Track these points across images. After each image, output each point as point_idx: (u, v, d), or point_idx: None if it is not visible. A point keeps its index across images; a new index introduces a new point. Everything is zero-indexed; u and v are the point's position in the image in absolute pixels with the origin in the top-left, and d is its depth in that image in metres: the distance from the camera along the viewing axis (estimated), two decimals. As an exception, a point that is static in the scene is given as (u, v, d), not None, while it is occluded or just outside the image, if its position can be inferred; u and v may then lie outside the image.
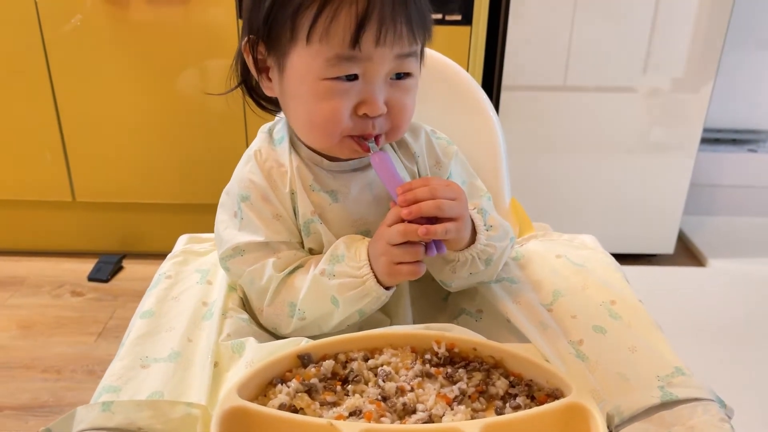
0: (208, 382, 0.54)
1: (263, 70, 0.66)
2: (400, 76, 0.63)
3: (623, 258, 1.98)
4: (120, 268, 1.87)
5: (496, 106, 1.76)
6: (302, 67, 0.61)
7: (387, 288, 0.63)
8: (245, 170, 0.69)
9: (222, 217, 0.70)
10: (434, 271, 0.68)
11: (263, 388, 0.52)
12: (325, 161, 0.68)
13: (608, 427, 0.50)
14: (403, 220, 0.60)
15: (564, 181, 1.87)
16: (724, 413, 0.53)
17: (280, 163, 0.68)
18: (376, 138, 0.64)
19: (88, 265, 1.86)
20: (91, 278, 1.80)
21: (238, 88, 0.73)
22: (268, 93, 0.68)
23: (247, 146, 1.85)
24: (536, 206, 1.90)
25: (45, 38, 1.62)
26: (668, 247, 1.98)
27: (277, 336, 0.66)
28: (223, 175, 1.93)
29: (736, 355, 1.56)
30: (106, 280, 1.80)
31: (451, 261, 0.65)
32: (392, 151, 0.71)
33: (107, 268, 1.83)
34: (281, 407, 0.49)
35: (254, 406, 0.47)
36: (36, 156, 1.76)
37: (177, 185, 1.81)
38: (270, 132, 0.73)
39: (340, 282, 0.62)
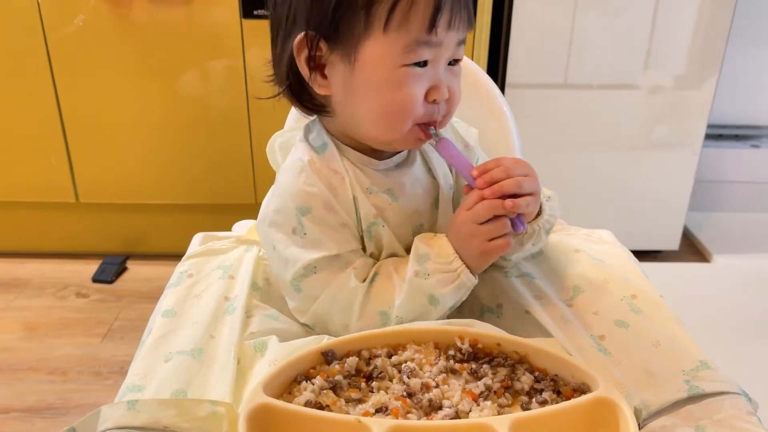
0: (231, 380, 0.54)
1: (318, 67, 0.64)
2: (453, 62, 0.64)
3: (629, 255, 2.00)
4: (124, 269, 1.86)
5: (500, 104, 1.77)
6: (378, 56, 0.60)
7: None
8: (299, 182, 0.66)
9: (278, 236, 0.66)
10: None
11: (288, 385, 0.52)
12: (373, 161, 0.68)
13: (636, 421, 0.50)
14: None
15: (568, 178, 1.87)
16: (751, 407, 0.52)
17: (334, 170, 0.66)
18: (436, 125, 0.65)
19: (92, 267, 1.85)
20: (96, 279, 1.80)
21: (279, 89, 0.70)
22: (321, 91, 0.65)
23: (251, 147, 1.84)
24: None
25: (47, 39, 1.61)
26: (673, 243, 1.99)
27: (303, 331, 0.65)
28: (227, 175, 1.93)
29: (741, 350, 1.55)
30: (111, 281, 1.80)
31: (516, 235, 0.66)
32: (432, 148, 0.70)
33: (111, 269, 1.82)
34: (307, 404, 0.49)
35: (281, 404, 0.47)
36: (39, 157, 1.75)
37: (180, 186, 1.80)
38: (306, 141, 0.70)
39: (436, 280, 0.62)
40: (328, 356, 0.54)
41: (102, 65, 1.65)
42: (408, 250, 0.67)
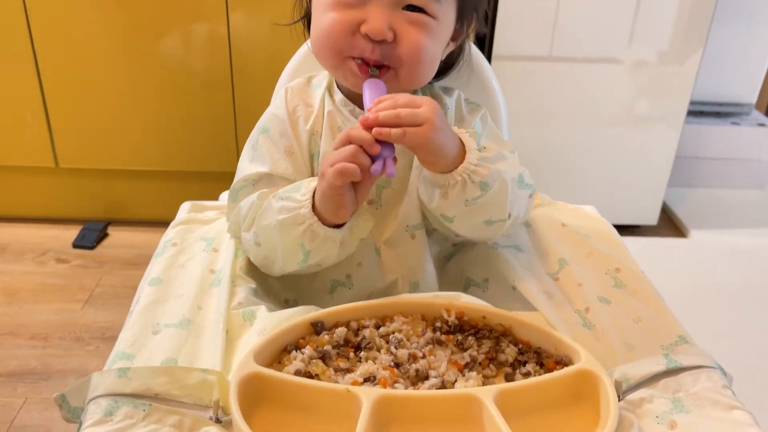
0: (221, 349, 0.54)
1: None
2: (414, 8, 0.62)
3: (608, 229, 2.02)
4: (105, 235, 1.85)
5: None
6: None
7: (335, 226, 0.60)
8: (273, 106, 0.73)
9: (244, 149, 0.72)
10: (427, 199, 0.64)
11: (278, 354, 0.52)
12: (357, 109, 0.70)
13: (617, 393, 0.51)
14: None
15: (550, 151, 1.87)
16: (725, 380, 0.54)
17: (308, 104, 0.71)
18: (383, 69, 0.63)
19: (72, 232, 1.84)
20: (76, 245, 1.78)
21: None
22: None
23: (234, 113, 1.81)
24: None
25: (26, 2, 1.58)
26: (652, 218, 2.01)
27: (284, 303, 0.66)
28: (209, 142, 1.92)
29: (716, 324, 1.59)
30: (92, 247, 1.78)
31: (441, 185, 0.61)
32: None
33: (92, 235, 1.81)
34: (297, 373, 0.49)
35: (271, 372, 0.48)
36: (17, 121, 1.72)
37: (162, 152, 1.78)
38: (308, 79, 0.75)
39: (282, 205, 0.61)
40: (317, 327, 0.54)
41: (81, 28, 1.61)
42: (369, 202, 0.69)
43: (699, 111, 2.31)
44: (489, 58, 1.73)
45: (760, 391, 1.37)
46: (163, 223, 2.05)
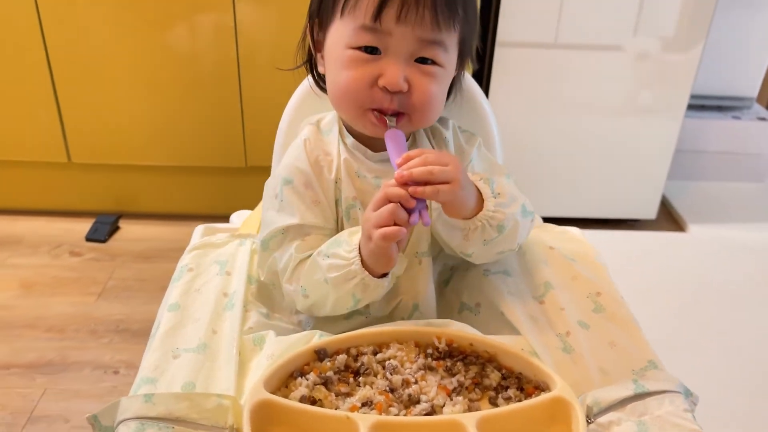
0: (234, 372, 0.61)
1: (318, 48, 0.73)
2: (425, 61, 0.68)
3: (606, 223, 2.05)
4: (117, 228, 1.91)
5: (490, 63, 1.78)
6: (336, 38, 0.69)
7: (381, 276, 0.66)
8: (293, 157, 0.75)
9: (266, 197, 0.76)
10: (450, 239, 0.71)
11: (285, 380, 0.59)
12: (369, 151, 0.75)
13: (588, 416, 0.57)
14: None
15: (550, 142, 1.89)
16: (689, 403, 0.60)
17: (327, 152, 0.75)
18: (398, 116, 0.69)
19: (84, 225, 1.90)
20: (89, 238, 1.85)
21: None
22: (320, 69, 0.75)
23: (242, 108, 1.85)
24: (521, 166, 1.92)
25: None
26: (651, 212, 2.03)
27: (291, 327, 0.72)
28: (216, 137, 1.95)
29: (714, 319, 1.62)
30: (104, 241, 1.85)
31: (462, 229, 0.68)
32: (427, 139, 0.77)
33: (104, 229, 1.87)
34: (302, 399, 0.56)
35: (280, 400, 0.54)
36: (31, 118, 1.77)
37: (171, 147, 1.84)
38: (317, 124, 0.79)
39: (330, 262, 0.67)
40: (320, 354, 0.61)
41: (92, 23, 1.65)
42: None
43: (700, 105, 2.32)
44: (492, 44, 1.75)
45: (758, 383, 1.41)
46: (174, 216, 2.12)
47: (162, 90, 1.75)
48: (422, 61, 0.68)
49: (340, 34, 0.67)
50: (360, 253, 0.65)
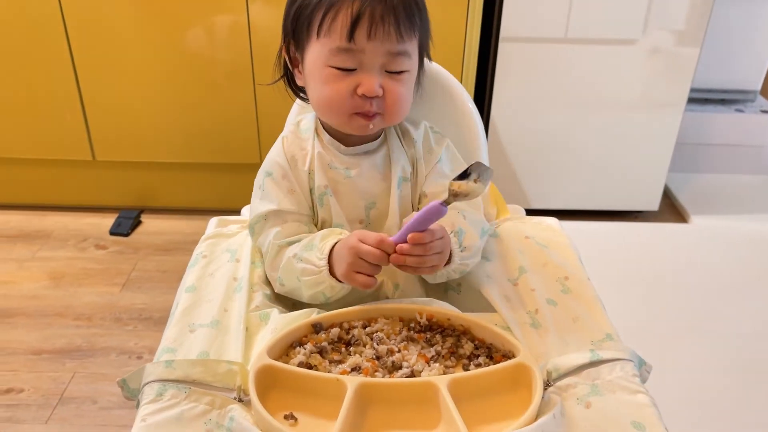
0: (242, 344, 0.70)
1: (295, 64, 0.83)
2: (393, 72, 0.78)
3: (609, 215, 2.09)
4: (139, 223, 2.01)
5: (494, 58, 1.83)
6: (314, 57, 0.78)
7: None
8: (273, 153, 0.87)
9: (255, 188, 0.87)
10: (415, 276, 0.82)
11: (285, 349, 0.68)
12: (342, 146, 0.85)
13: (548, 381, 0.66)
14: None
15: (553, 135, 1.94)
16: (641, 371, 0.69)
17: (302, 147, 0.86)
18: (374, 115, 0.78)
19: (108, 220, 2.00)
20: (113, 232, 1.95)
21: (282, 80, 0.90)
22: (299, 83, 0.85)
23: (256, 106, 1.92)
24: (524, 160, 1.97)
25: (62, 1, 1.69)
26: (653, 204, 2.07)
27: (293, 305, 0.82)
28: (233, 134, 2.02)
29: (716, 310, 1.66)
30: (127, 234, 1.95)
31: (427, 277, 0.80)
32: (397, 138, 0.86)
33: (127, 223, 1.97)
34: (300, 365, 0.65)
35: (279, 364, 0.64)
36: (57, 119, 1.86)
37: (190, 144, 1.92)
38: (298, 124, 0.89)
39: (303, 267, 0.77)
40: (316, 327, 0.70)
41: (115, 29, 1.73)
42: (359, 221, 0.85)
43: (704, 98, 2.34)
44: (496, 39, 1.79)
45: (759, 373, 1.45)
46: (192, 211, 2.21)
47: (181, 89, 1.83)
48: (392, 72, 0.78)
49: (318, 54, 0.76)
50: (329, 261, 0.75)
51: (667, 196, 2.21)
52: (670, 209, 2.19)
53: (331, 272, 0.75)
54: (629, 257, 1.89)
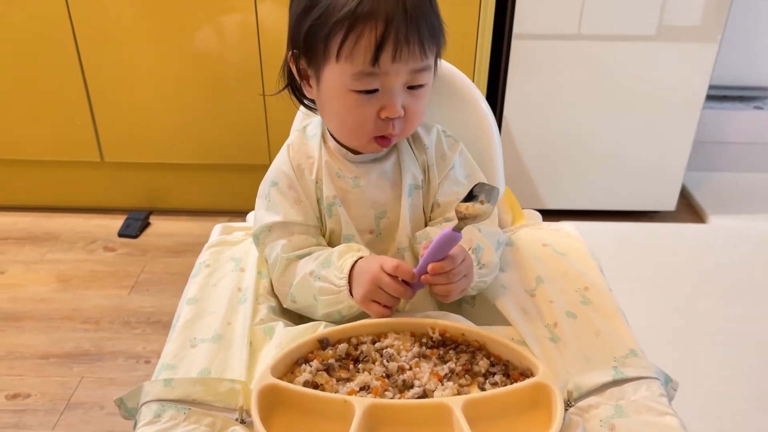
0: (245, 360, 0.67)
1: (304, 77, 0.79)
2: (414, 87, 0.74)
3: (624, 215, 2.05)
4: (147, 224, 1.99)
5: (507, 56, 1.79)
6: (333, 81, 0.73)
7: None
8: (278, 161, 0.83)
9: (258, 197, 0.84)
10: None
11: (290, 366, 0.65)
12: (350, 154, 0.81)
13: (569, 400, 0.62)
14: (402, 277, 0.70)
15: (567, 133, 1.90)
16: (667, 389, 0.65)
17: (309, 156, 0.82)
18: (393, 137, 0.76)
19: (117, 222, 1.98)
20: (121, 234, 1.93)
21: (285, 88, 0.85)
22: (308, 95, 0.81)
23: (265, 107, 1.90)
24: (539, 159, 1.93)
25: (69, 2, 1.68)
26: (670, 203, 2.02)
27: (299, 318, 0.79)
28: (241, 135, 2.01)
29: (735, 311, 1.62)
30: (136, 236, 1.93)
31: None
32: (408, 145, 0.83)
33: (136, 225, 1.95)
34: (305, 384, 0.62)
35: (284, 384, 0.60)
36: (65, 120, 1.85)
37: (198, 146, 1.90)
38: (303, 130, 0.86)
39: (321, 285, 0.74)
40: (323, 343, 0.67)
41: (123, 26, 1.71)
42: (369, 231, 0.82)
43: (722, 95, 2.30)
44: (509, 36, 1.76)
45: None
46: (201, 212, 2.20)
47: (189, 90, 1.81)
48: (413, 86, 0.74)
49: (338, 78, 0.72)
50: (349, 281, 0.72)
51: (685, 196, 2.17)
52: (688, 209, 2.15)
53: (350, 291, 0.72)
54: (645, 258, 1.85)
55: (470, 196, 0.67)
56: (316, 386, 0.62)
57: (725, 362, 1.47)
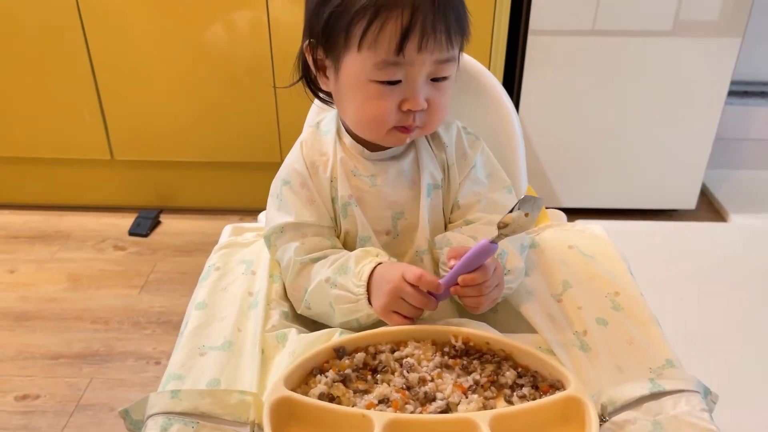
0: (257, 370, 0.63)
1: (321, 68, 0.75)
2: (438, 79, 0.70)
3: (645, 213, 2.01)
4: (158, 223, 1.97)
5: (523, 52, 1.76)
6: (354, 70, 0.69)
7: None
8: (291, 159, 0.80)
9: (270, 196, 0.81)
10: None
11: (305, 377, 0.61)
12: (366, 151, 0.77)
13: (602, 415, 0.58)
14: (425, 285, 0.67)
15: (586, 132, 1.86)
16: (707, 402, 0.60)
17: (322, 153, 0.78)
18: (414, 129, 0.72)
19: (127, 220, 1.96)
20: (132, 233, 1.91)
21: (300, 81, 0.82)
22: (324, 87, 0.77)
23: (276, 104, 1.87)
24: (557, 157, 1.90)
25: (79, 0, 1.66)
26: (690, 202, 1.99)
27: (313, 323, 0.75)
28: (253, 133, 1.98)
29: (757, 311, 1.58)
30: (146, 235, 1.91)
31: None
32: (427, 143, 0.79)
33: (146, 223, 1.93)
34: (321, 396, 0.58)
35: (298, 397, 0.56)
36: (75, 118, 1.83)
37: (209, 144, 1.88)
38: (317, 126, 0.82)
39: (337, 293, 0.71)
40: (339, 352, 0.63)
41: (133, 23, 1.69)
42: (386, 233, 0.78)
43: (743, 91, 2.26)
44: (525, 32, 1.73)
45: None
46: (212, 211, 2.17)
47: (200, 88, 1.79)
48: (435, 79, 0.71)
49: (359, 68, 0.69)
50: (368, 290, 0.69)
51: (705, 194, 2.14)
52: (708, 207, 2.11)
53: (368, 299, 0.69)
54: (665, 258, 1.82)
55: (512, 208, 0.64)
56: (332, 399, 0.59)
57: (748, 360, 1.43)
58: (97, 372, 1.44)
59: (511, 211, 0.64)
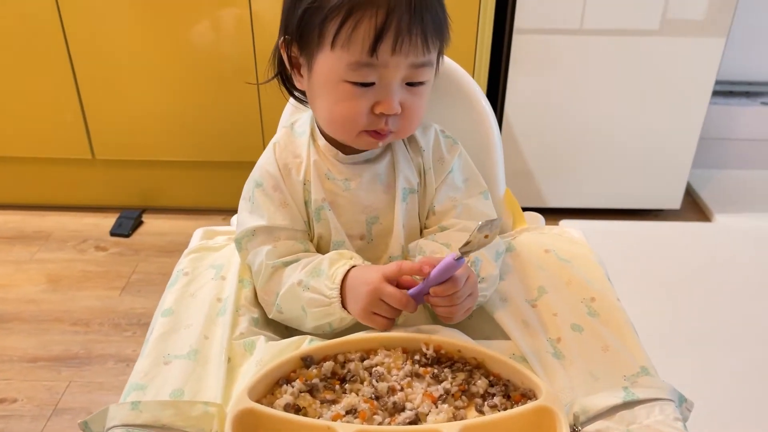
0: (222, 379, 0.61)
1: (296, 66, 0.73)
2: (414, 83, 0.69)
3: (627, 214, 2.01)
4: (140, 223, 1.94)
5: (508, 51, 1.75)
6: (326, 69, 0.68)
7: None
8: (263, 160, 0.78)
9: (242, 199, 0.79)
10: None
11: (271, 387, 0.59)
12: (340, 154, 0.75)
13: (575, 425, 0.57)
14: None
15: (569, 130, 1.86)
16: (681, 410, 0.59)
17: (296, 155, 0.76)
18: (387, 134, 0.70)
19: (109, 220, 1.94)
20: (114, 233, 1.88)
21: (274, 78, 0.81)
22: (298, 86, 0.75)
23: (260, 102, 1.85)
24: (542, 157, 1.89)
25: None
26: (675, 202, 1.99)
27: (285, 330, 0.73)
28: (236, 132, 1.96)
29: (741, 310, 1.59)
30: (128, 235, 1.88)
31: None
32: (405, 151, 0.77)
33: (128, 223, 1.90)
34: (286, 407, 0.56)
35: (263, 408, 0.55)
36: (55, 116, 1.81)
37: (192, 143, 1.86)
38: (291, 127, 0.80)
39: (310, 297, 0.69)
40: (307, 361, 0.61)
41: (113, 21, 1.67)
42: (360, 237, 0.76)
43: (728, 91, 2.27)
44: (510, 31, 1.72)
45: None
46: (195, 210, 2.15)
47: (182, 86, 1.76)
48: (412, 83, 0.69)
49: (332, 67, 0.67)
50: (341, 293, 0.68)
51: (690, 194, 2.14)
52: (693, 207, 2.11)
53: (342, 303, 0.67)
54: (649, 258, 1.81)
55: (474, 231, 0.62)
56: (298, 410, 0.57)
57: (732, 363, 1.43)
58: (75, 375, 1.42)
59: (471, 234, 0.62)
